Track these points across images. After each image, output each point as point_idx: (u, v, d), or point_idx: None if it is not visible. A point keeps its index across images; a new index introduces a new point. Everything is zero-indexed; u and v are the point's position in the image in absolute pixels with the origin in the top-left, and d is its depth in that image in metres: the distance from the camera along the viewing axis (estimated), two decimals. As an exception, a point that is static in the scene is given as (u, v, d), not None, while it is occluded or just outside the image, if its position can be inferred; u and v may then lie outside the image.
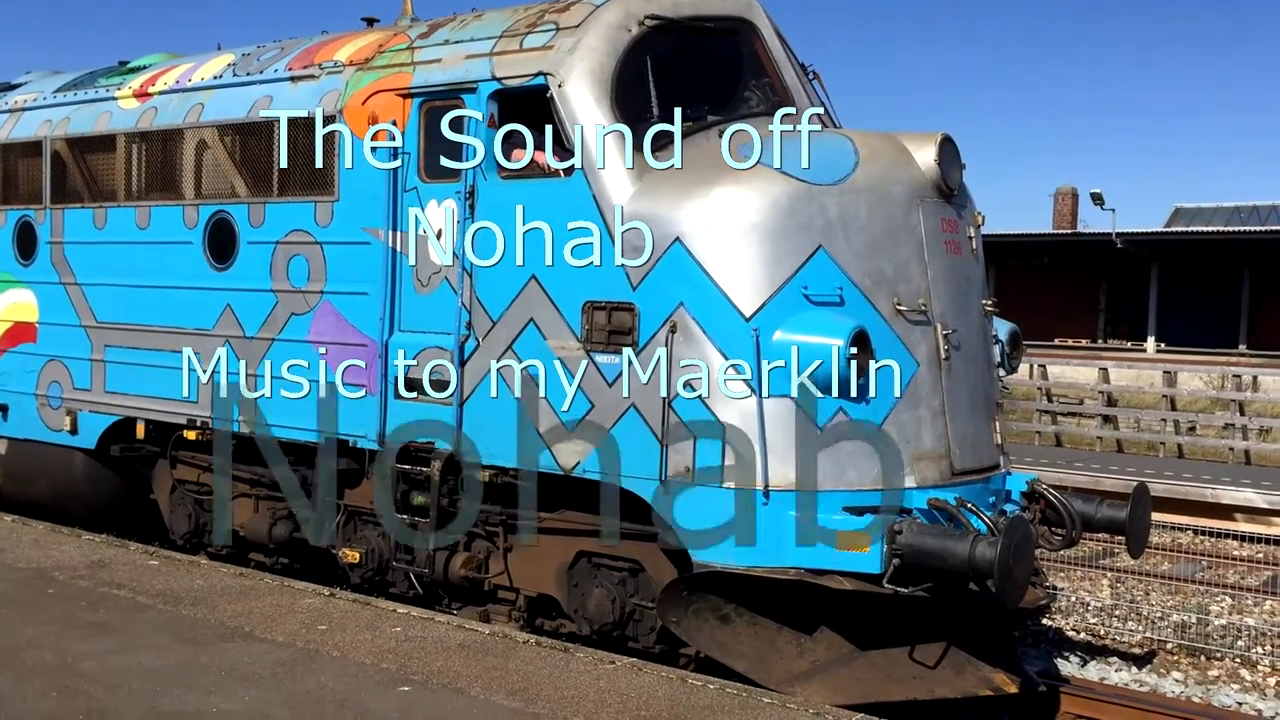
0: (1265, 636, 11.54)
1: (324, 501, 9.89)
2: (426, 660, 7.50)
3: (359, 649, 7.69)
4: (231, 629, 8.06)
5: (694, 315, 7.76)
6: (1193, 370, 28.47)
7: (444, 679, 7.15)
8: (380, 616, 8.54)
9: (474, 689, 6.98)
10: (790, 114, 8.46)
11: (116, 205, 11.15)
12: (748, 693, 7.19)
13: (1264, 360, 34.68)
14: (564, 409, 8.27)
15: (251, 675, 7.13)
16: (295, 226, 9.78)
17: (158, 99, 11.00)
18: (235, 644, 7.72)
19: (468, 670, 7.33)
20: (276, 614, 8.45)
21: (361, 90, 9.41)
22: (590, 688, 7.08)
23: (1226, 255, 41.99)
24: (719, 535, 7.68)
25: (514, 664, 7.49)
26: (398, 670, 7.28)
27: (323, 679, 7.09)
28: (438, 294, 8.99)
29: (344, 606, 8.79)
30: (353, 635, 8.00)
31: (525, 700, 6.83)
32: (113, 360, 11.19)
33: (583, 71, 8.32)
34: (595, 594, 8.50)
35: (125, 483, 11.74)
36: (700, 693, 7.09)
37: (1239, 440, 21.58)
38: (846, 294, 7.79)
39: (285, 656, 7.48)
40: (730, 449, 7.64)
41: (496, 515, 8.97)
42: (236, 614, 8.42)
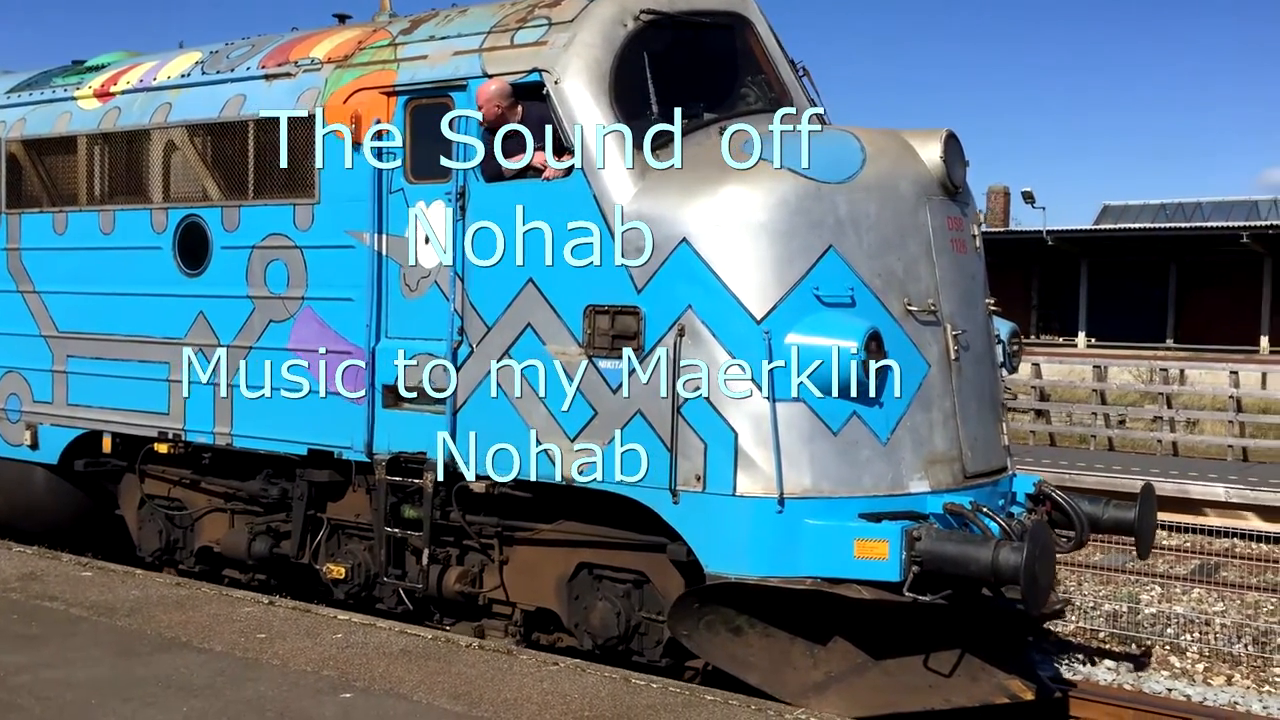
0: (1193, 624, 11.70)
1: (306, 515, 9.42)
2: (368, 666, 7.40)
3: (299, 657, 7.55)
4: (168, 639, 7.87)
5: (702, 318, 7.42)
6: (1122, 364, 28.66)
7: (386, 685, 7.05)
8: (320, 624, 8.38)
9: (417, 694, 6.90)
10: (790, 113, 8.17)
11: (78, 210, 10.58)
12: (690, 691, 7.14)
13: (1190, 354, 35.12)
14: (565, 416, 7.89)
15: (189, 686, 6.97)
16: (273, 230, 9.30)
17: (121, 99, 10.44)
18: (172, 654, 7.54)
19: (410, 675, 7.24)
20: (214, 623, 8.29)
21: (342, 88, 8.95)
22: (534, 690, 7.01)
23: (1153, 251, 42.52)
24: (732, 545, 7.35)
25: (457, 668, 7.40)
26: (339, 677, 7.16)
27: (262, 688, 6.95)
28: (427, 299, 8.57)
29: (283, 614, 8.62)
30: (293, 643, 7.85)
31: (468, 704, 6.75)
32: (76, 371, 10.61)
33: (579, 68, 7.95)
34: (599, 607, 8.13)
35: (89, 499, 11.16)
36: (644, 692, 7.04)
37: (1167, 433, 21.74)
38: (858, 294, 7.50)
39: (224, 666, 7.33)
40: (743, 456, 7.32)
41: (492, 527, 8.57)
42: (173, 624, 8.23)
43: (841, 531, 7.20)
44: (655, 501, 7.57)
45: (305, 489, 9.37)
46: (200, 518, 10.35)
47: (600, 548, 8.19)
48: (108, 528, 11.29)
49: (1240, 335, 40.52)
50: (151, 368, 10.02)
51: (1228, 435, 21.36)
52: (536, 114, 8.03)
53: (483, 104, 8.07)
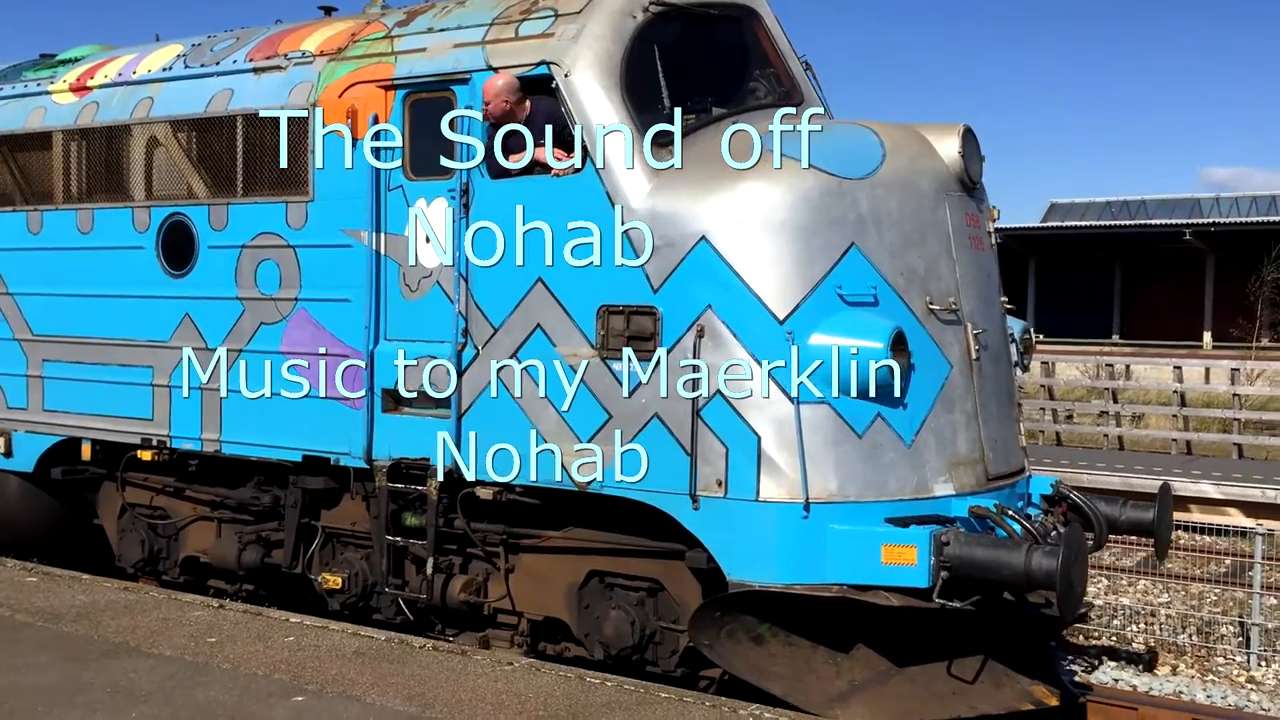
0: (1139, 615, 11.82)
1: (299, 524, 9.02)
2: (320, 669, 7.29)
3: (251, 660, 7.43)
4: (116, 645, 7.70)
5: (723, 318, 7.13)
6: (1069, 360, 28.75)
7: (339, 687, 6.96)
8: (272, 627, 8.26)
9: (370, 695, 6.82)
10: (790, 113, 7.88)
11: (54, 208, 10.08)
12: (645, 689, 7.06)
13: (1135, 349, 35.36)
14: (576, 420, 7.57)
15: (138, 691, 6.83)
16: (264, 229, 8.88)
17: (99, 93, 9.96)
18: (121, 660, 7.39)
19: (363, 677, 7.14)
20: (164, 628, 8.12)
21: (337, 82, 8.55)
22: (488, 689, 6.94)
23: (1100, 248, 42.84)
24: (756, 552, 7.05)
25: (410, 669, 7.31)
26: (291, 680, 7.06)
27: (213, 692, 6.84)
28: (429, 300, 8.20)
29: (234, 618, 8.48)
30: (244, 647, 7.72)
31: (422, 705, 6.67)
32: (52, 376, 10.12)
33: (590, 60, 7.61)
34: (612, 616, 7.81)
35: (65, 508, 10.67)
36: (598, 690, 6.99)
37: (1113, 427, 21.79)
38: (880, 293, 7.24)
39: (173, 671, 7.19)
40: (766, 460, 7.03)
41: (497, 535, 8.22)
42: (121, 629, 8.06)
43: (868, 537, 6.93)
44: (674, 507, 7.26)
45: (299, 496, 8.97)
46: (185, 527, 9.90)
47: (612, 555, 7.88)
48: (85, 538, 10.81)
49: (1184, 331, 40.94)
50: (134, 372, 9.56)
51: (1172, 429, 21.49)
52: (545, 108, 7.70)
53: (490, 99, 7.71)
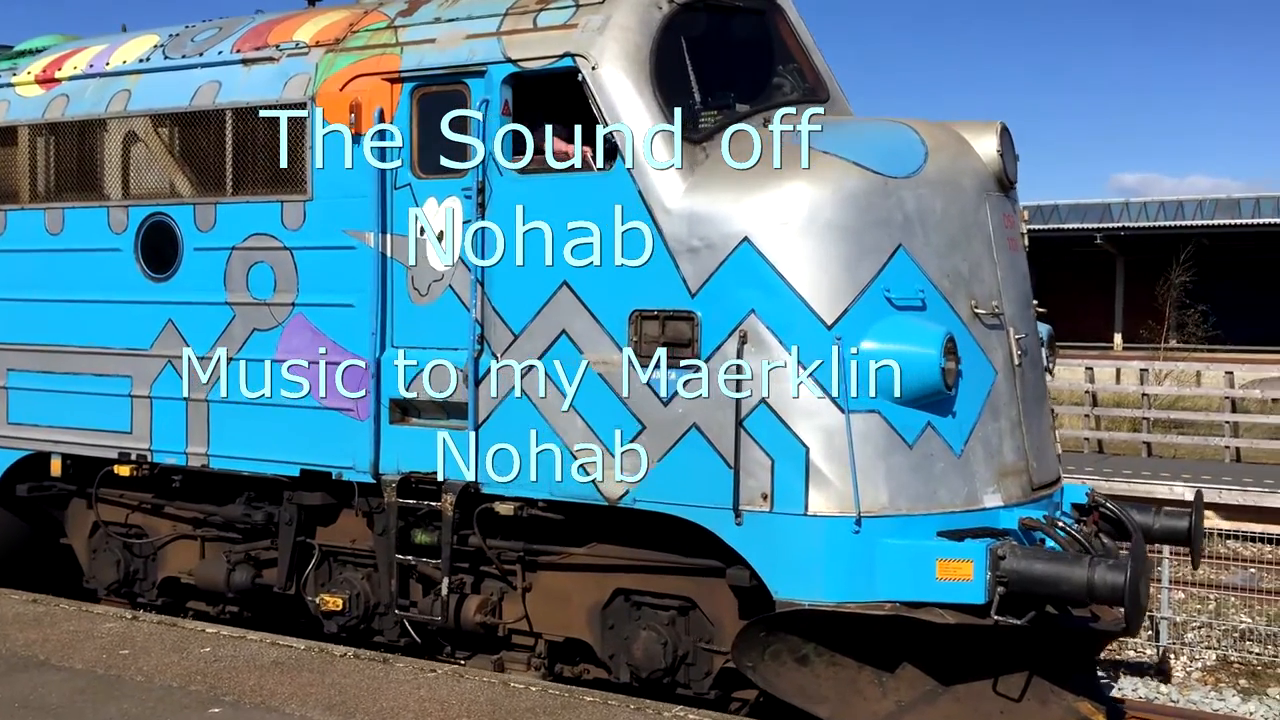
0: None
1: (294, 542, 8.37)
2: (238, 679, 7.10)
3: (165, 672, 7.23)
4: (25, 658, 7.49)
5: (767, 323, 6.66)
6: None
7: (257, 698, 6.79)
8: (188, 638, 8.04)
9: (289, 706, 6.65)
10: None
11: (18, 208, 9.29)
12: (569, 693, 6.98)
13: (1056, 351, 35.60)
14: (606, 431, 7.05)
15: (47, 706, 6.64)
16: (256, 230, 8.22)
17: (68, 85, 9.19)
18: (29, 674, 7.19)
19: (282, 688, 6.97)
20: (74, 640, 7.87)
21: (337, 75, 7.93)
22: (411, 697, 6.81)
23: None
24: (804, 569, 6.60)
25: (331, 678, 7.15)
26: (207, 692, 6.87)
27: (125, 705, 6.64)
28: (440, 304, 7.63)
29: (148, 629, 8.23)
30: (158, 658, 7.50)
31: (343, 714, 6.54)
32: (17, 387, 9.32)
33: (617, 53, 7.10)
34: (642, 637, 7.29)
35: (27, 526, 9.86)
36: (523, 695, 6.89)
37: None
38: (928, 297, 6.83)
39: (84, 684, 6.99)
40: (815, 472, 6.58)
41: (514, 552, 7.67)
42: (30, 642, 7.83)
43: (923, 551, 6.52)
44: (714, 523, 6.78)
45: (294, 513, 8.33)
46: (164, 546, 9.18)
47: (640, 572, 7.37)
48: (50, 558, 10.01)
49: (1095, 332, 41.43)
50: (111, 382, 8.82)
51: (1084, 428, 21.56)
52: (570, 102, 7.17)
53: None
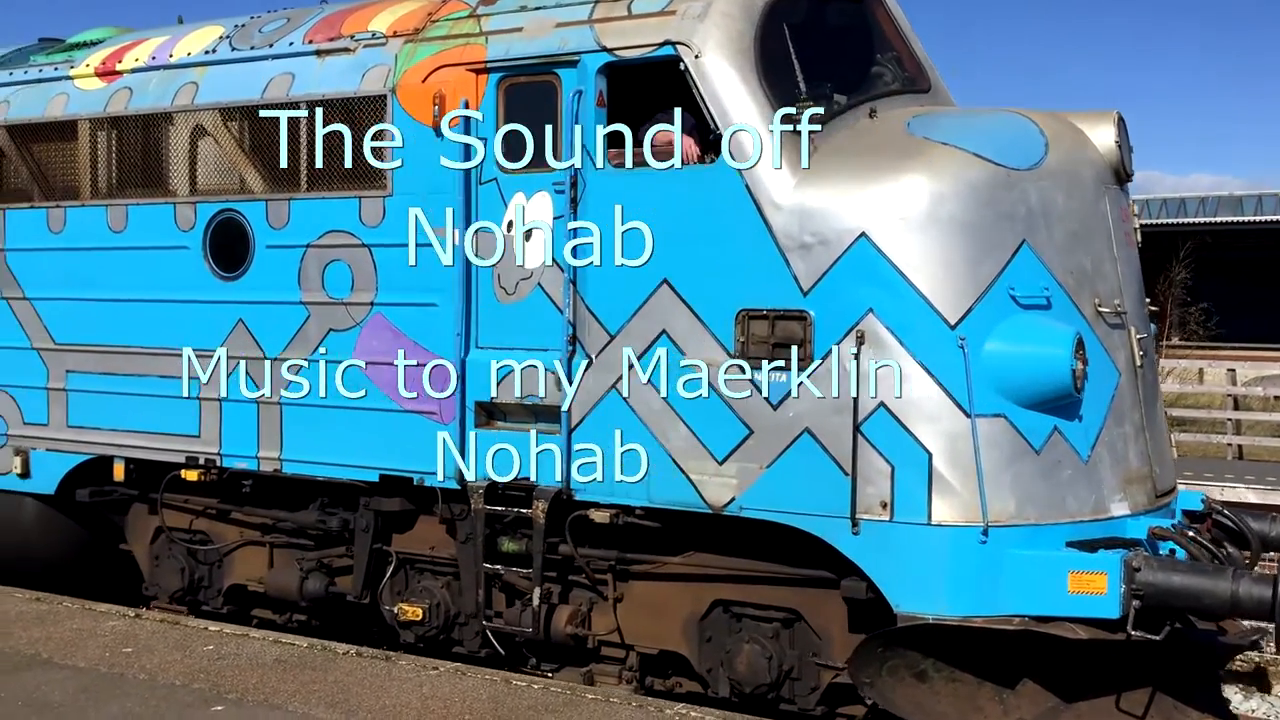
0: None
1: (371, 550, 7.97)
2: (240, 677, 7.02)
3: (168, 670, 7.14)
4: (28, 656, 7.40)
5: (886, 323, 6.26)
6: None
7: (259, 695, 6.70)
8: (191, 636, 7.93)
9: (292, 704, 6.57)
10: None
11: (79, 204, 8.89)
12: (572, 690, 6.91)
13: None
14: (711, 436, 6.65)
15: (51, 704, 6.55)
16: (332, 227, 7.82)
17: (131, 78, 8.78)
18: (33, 672, 7.10)
19: (285, 685, 6.89)
20: (78, 638, 7.78)
21: (419, 65, 7.53)
22: (413, 695, 6.74)
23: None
24: (928, 581, 6.19)
25: (333, 676, 7.08)
26: (210, 690, 6.79)
27: (128, 704, 6.55)
28: (529, 303, 7.23)
29: (151, 628, 8.13)
30: (161, 656, 7.41)
31: (345, 712, 6.45)
32: (79, 389, 8.92)
33: (721, 40, 6.70)
34: (746, 651, 6.89)
35: (87, 532, 9.47)
36: (525, 693, 6.80)
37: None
38: (1052, 295, 6.43)
39: (87, 682, 6.91)
40: (938, 479, 6.17)
41: (606, 561, 7.27)
42: (34, 640, 7.74)
43: (1054, 563, 6.10)
44: (828, 532, 6.38)
45: (371, 520, 7.93)
46: (229, 553, 8.79)
47: (740, 583, 6.97)
48: (105, 564, 9.62)
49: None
50: (177, 384, 8.41)
51: None
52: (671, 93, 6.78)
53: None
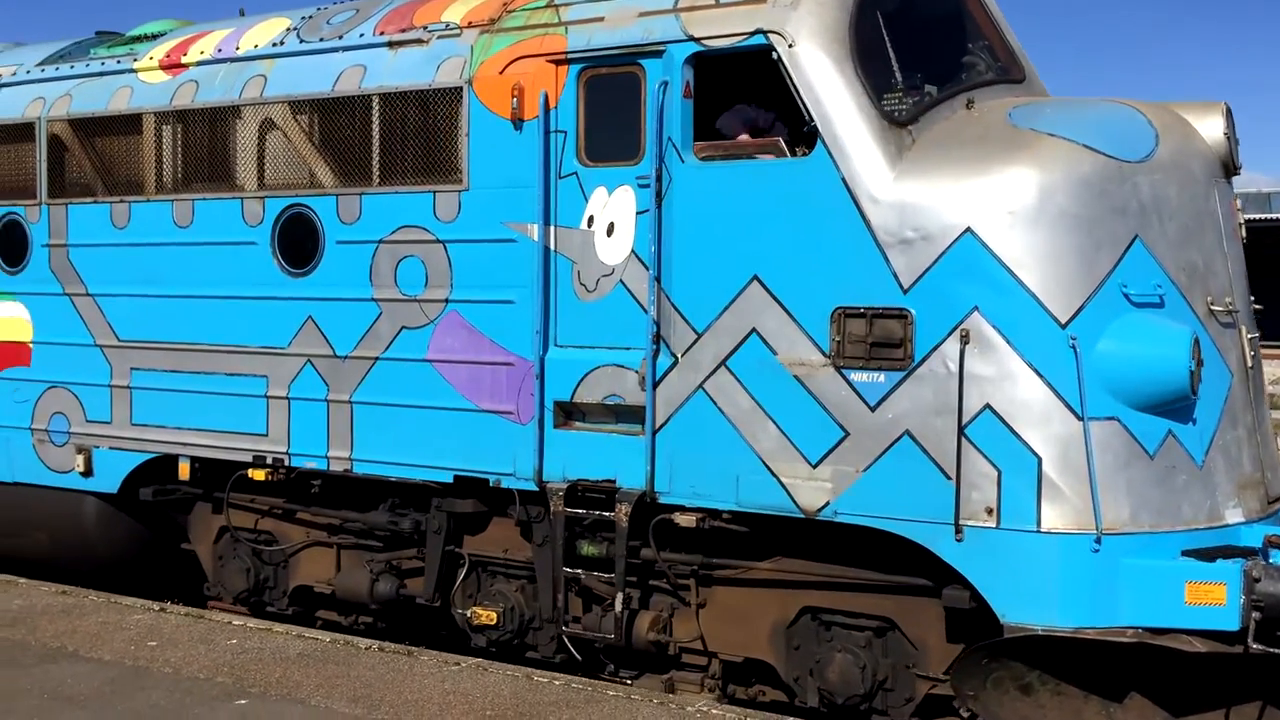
0: None
1: (443, 552, 7.73)
2: (264, 671, 7.02)
3: (193, 664, 7.14)
4: (54, 649, 7.40)
5: (993, 322, 5.95)
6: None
7: (283, 689, 6.69)
8: (215, 630, 7.92)
9: (315, 698, 6.56)
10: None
11: (144, 199, 8.67)
12: (593, 687, 6.82)
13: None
14: (804, 438, 6.37)
15: (76, 697, 6.54)
16: (406, 222, 7.57)
17: (196, 71, 8.56)
18: (59, 665, 7.10)
19: (308, 679, 6.88)
20: (103, 631, 7.80)
21: (496, 57, 7.27)
22: (435, 690, 6.69)
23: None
24: (1037, 590, 5.89)
25: (356, 671, 7.05)
26: (234, 683, 6.78)
27: (154, 696, 6.55)
28: (609, 301, 6.96)
29: (175, 621, 8.12)
30: (186, 650, 7.42)
31: (368, 706, 6.42)
32: (142, 386, 8.70)
33: (815, 29, 6.41)
34: (838, 660, 6.60)
35: (148, 531, 9.26)
36: (546, 689, 6.74)
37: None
38: (1165, 293, 6.11)
39: (113, 675, 6.91)
40: (1048, 484, 5.87)
41: (688, 566, 7.00)
42: (59, 633, 7.74)
43: (1170, 572, 5.80)
44: (929, 538, 6.09)
45: (443, 521, 7.68)
46: (295, 553, 8.56)
47: (830, 589, 6.69)
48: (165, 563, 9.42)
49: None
50: (244, 382, 8.20)
51: None
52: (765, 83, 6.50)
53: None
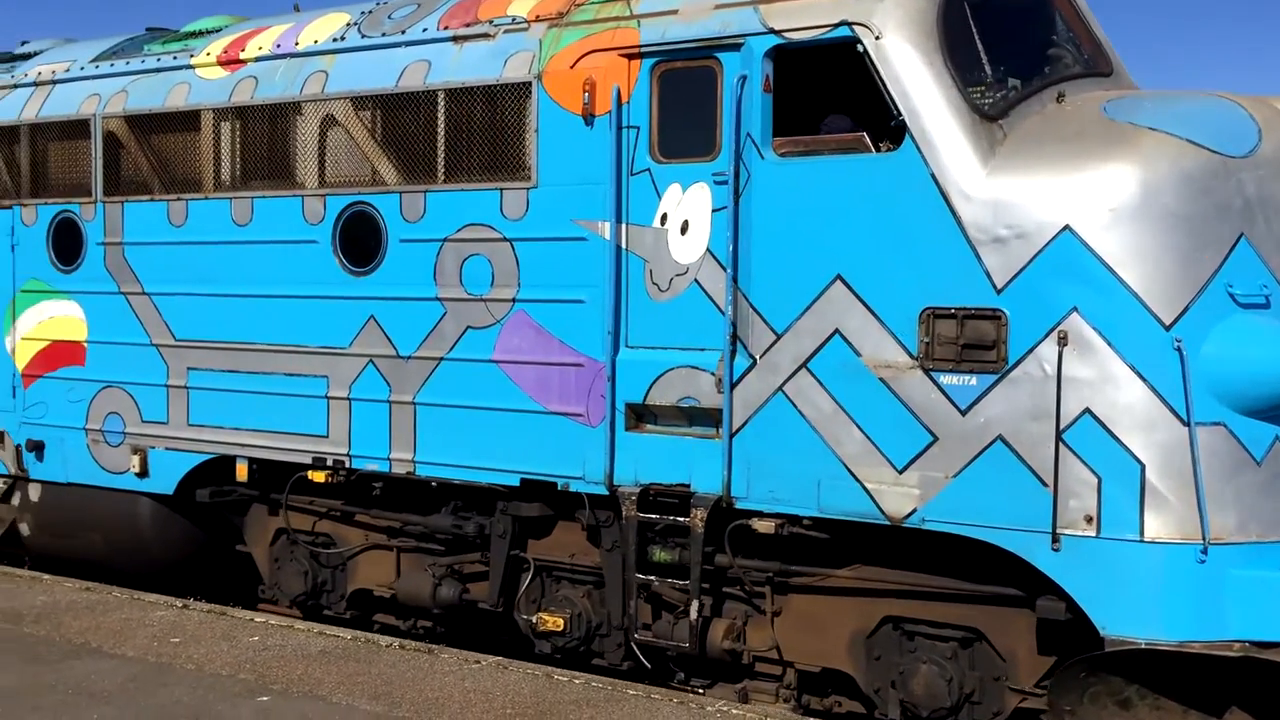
0: None
1: (508, 556, 7.51)
2: (286, 669, 7.01)
3: (215, 660, 7.15)
4: (78, 646, 7.43)
5: (1093, 323, 5.69)
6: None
7: (304, 686, 6.70)
8: (237, 627, 7.92)
9: (336, 695, 6.54)
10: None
11: (202, 197, 8.49)
12: (613, 686, 6.78)
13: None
14: (890, 442, 6.12)
15: (100, 692, 6.56)
16: (472, 220, 7.35)
17: (255, 67, 8.37)
18: (83, 661, 7.11)
19: (329, 677, 6.87)
20: (126, 628, 7.82)
21: (566, 51, 7.05)
22: (455, 688, 6.67)
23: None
24: (1138, 603, 5.63)
25: (377, 668, 7.04)
26: (256, 680, 6.79)
27: (177, 692, 6.56)
28: (683, 300, 6.73)
29: (198, 618, 8.12)
30: (208, 647, 7.43)
31: (389, 704, 6.41)
32: (200, 386, 8.52)
33: (902, 20, 6.16)
34: (923, 671, 6.35)
35: (202, 533, 9.09)
36: (566, 688, 6.71)
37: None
38: (1272, 293, 5.83)
39: (136, 672, 6.92)
40: (1152, 492, 5.61)
41: (764, 573, 6.76)
42: (84, 630, 7.77)
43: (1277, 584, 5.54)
44: (1024, 547, 5.83)
45: (509, 525, 7.47)
46: (353, 556, 8.36)
47: (913, 598, 6.44)
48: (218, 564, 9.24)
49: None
50: (305, 382, 8.01)
51: None
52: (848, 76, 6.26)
53: None
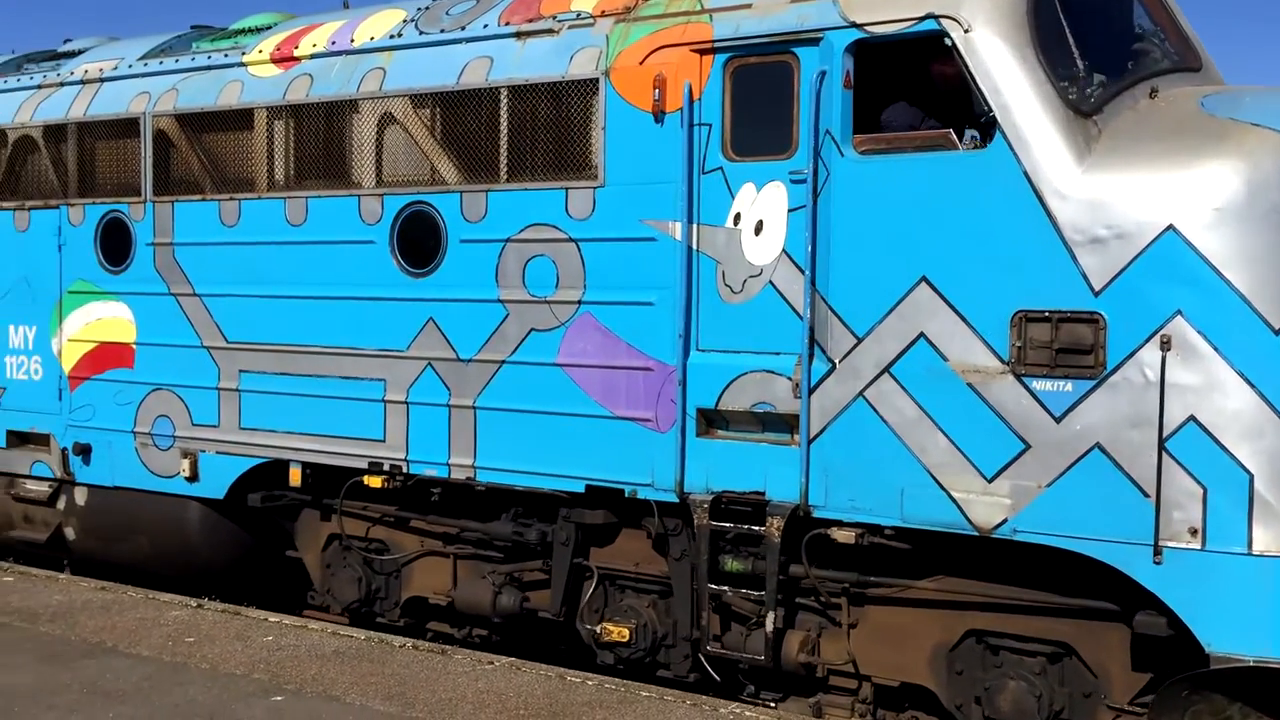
0: None
1: (571, 564, 7.28)
2: (300, 668, 6.99)
3: (229, 660, 7.14)
4: (94, 645, 7.43)
5: (1199, 327, 5.42)
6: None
7: (318, 686, 6.68)
8: (251, 626, 7.90)
9: (349, 695, 6.52)
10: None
11: (255, 197, 8.27)
12: (626, 687, 6.73)
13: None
14: (978, 450, 5.86)
15: (115, 691, 6.56)
16: (535, 220, 7.12)
17: (310, 64, 8.14)
18: (98, 660, 7.12)
19: (343, 677, 6.84)
20: (141, 627, 7.81)
21: (635, 46, 6.80)
22: (469, 689, 6.64)
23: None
24: (1246, 618, 5.36)
25: (390, 668, 7.01)
26: (270, 680, 6.77)
27: (191, 691, 6.56)
28: (757, 303, 6.48)
29: (212, 618, 8.09)
30: (223, 646, 7.42)
31: (402, 704, 6.38)
32: (252, 389, 8.30)
33: (993, 13, 5.90)
34: (1010, 688, 6.08)
35: (251, 537, 8.87)
36: (580, 689, 6.67)
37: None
38: (1382, 296, 5.56)
39: (151, 671, 6.92)
40: (1261, 503, 5.34)
41: (841, 584, 6.51)
42: (99, 629, 7.78)
43: (1395, 600, 5.27)
44: (1123, 560, 5.56)
45: (572, 533, 7.23)
46: (408, 563, 8.13)
47: (998, 611, 6.17)
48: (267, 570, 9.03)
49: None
50: (361, 385, 7.78)
51: None
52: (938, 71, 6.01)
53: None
